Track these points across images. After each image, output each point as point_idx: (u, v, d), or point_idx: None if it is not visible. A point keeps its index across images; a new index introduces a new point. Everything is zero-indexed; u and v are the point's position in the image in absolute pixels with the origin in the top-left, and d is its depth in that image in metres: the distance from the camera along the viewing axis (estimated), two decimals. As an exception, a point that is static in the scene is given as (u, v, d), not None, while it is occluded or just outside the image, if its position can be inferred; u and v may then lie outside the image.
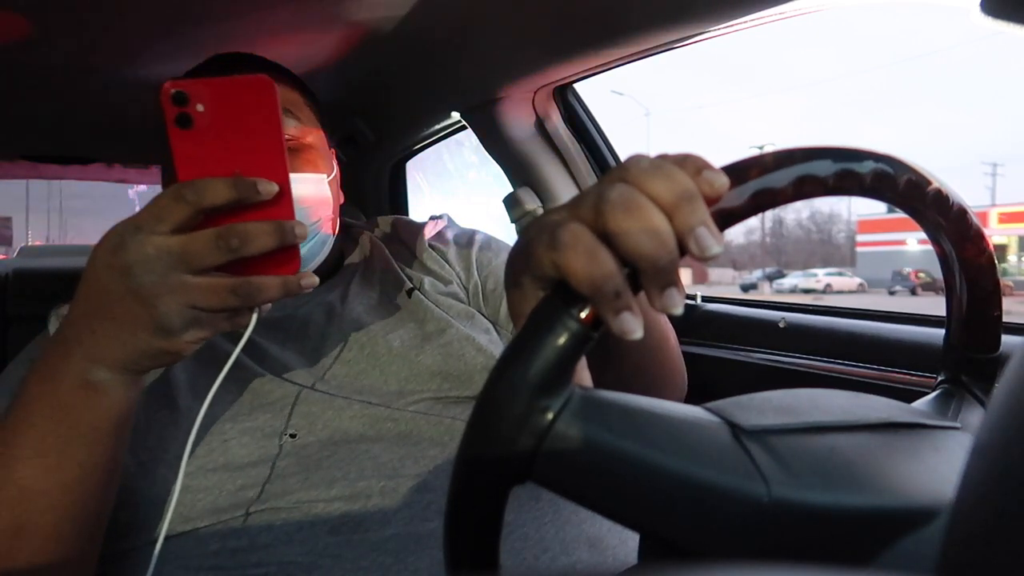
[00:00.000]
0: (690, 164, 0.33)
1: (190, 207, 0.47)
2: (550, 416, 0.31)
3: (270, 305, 0.53)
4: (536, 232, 0.35)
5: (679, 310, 0.31)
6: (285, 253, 0.50)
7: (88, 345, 0.50)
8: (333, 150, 0.80)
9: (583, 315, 0.31)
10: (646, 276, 0.32)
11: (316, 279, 0.52)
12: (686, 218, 0.32)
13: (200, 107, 0.49)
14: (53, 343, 0.53)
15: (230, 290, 0.48)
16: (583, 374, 0.62)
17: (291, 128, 0.72)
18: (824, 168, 0.35)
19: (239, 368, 0.67)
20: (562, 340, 0.31)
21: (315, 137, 0.75)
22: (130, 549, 0.62)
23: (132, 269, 0.47)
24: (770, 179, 0.34)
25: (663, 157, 0.35)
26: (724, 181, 0.33)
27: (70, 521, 0.53)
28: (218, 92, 0.49)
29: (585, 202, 0.34)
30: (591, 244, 0.32)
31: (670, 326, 0.73)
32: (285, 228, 0.49)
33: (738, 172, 0.34)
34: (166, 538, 0.61)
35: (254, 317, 0.52)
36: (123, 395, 0.52)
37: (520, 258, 0.37)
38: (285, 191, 0.50)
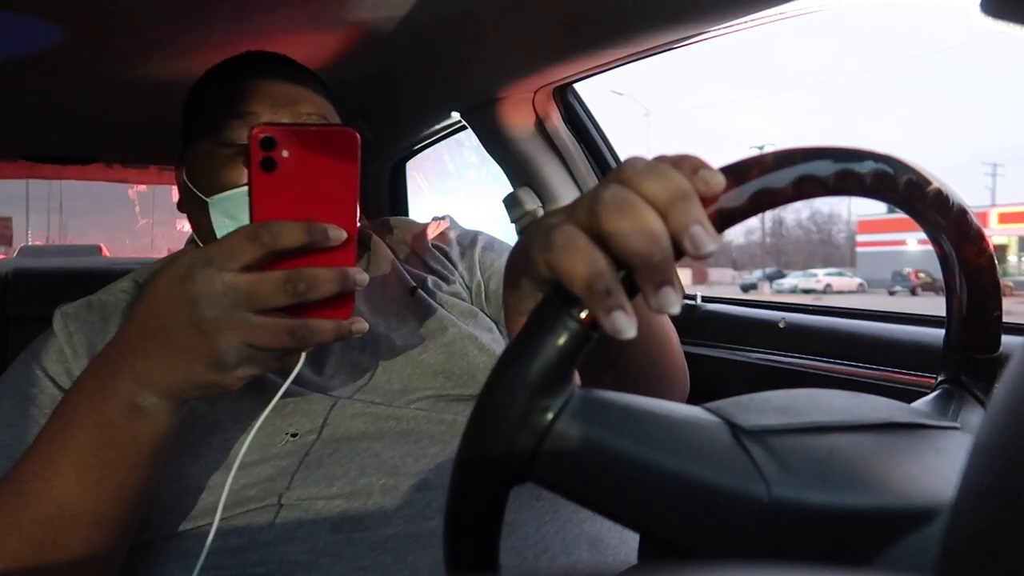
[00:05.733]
0: (686, 164, 0.34)
1: (263, 248, 0.48)
2: (550, 416, 0.31)
3: None
4: (533, 234, 0.35)
5: (675, 309, 0.31)
6: (341, 298, 0.51)
7: (140, 369, 0.50)
8: None
9: (583, 315, 0.31)
10: (640, 275, 0.32)
11: (366, 325, 0.53)
12: (680, 217, 0.32)
13: (285, 153, 0.50)
14: (100, 359, 0.53)
15: (288, 331, 0.49)
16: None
17: None
18: (824, 168, 0.35)
19: None
20: (562, 340, 0.31)
21: None
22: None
23: (198, 302, 0.47)
24: (770, 179, 0.34)
25: (660, 158, 0.35)
26: (720, 180, 0.33)
27: (100, 540, 0.53)
28: (305, 140, 0.50)
29: (581, 204, 0.34)
30: (583, 244, 0.32)
31: (672, 329, 0.73)
32: (347, 275, 0.50)
33: (738, 172, 0.34)
34: (166, 537, 0.62)
35: (303, 356, 0.53)
36: (166, 420, 0.52)
37: (518, 260, 0.38)
38: (351, 238, 0.51)
